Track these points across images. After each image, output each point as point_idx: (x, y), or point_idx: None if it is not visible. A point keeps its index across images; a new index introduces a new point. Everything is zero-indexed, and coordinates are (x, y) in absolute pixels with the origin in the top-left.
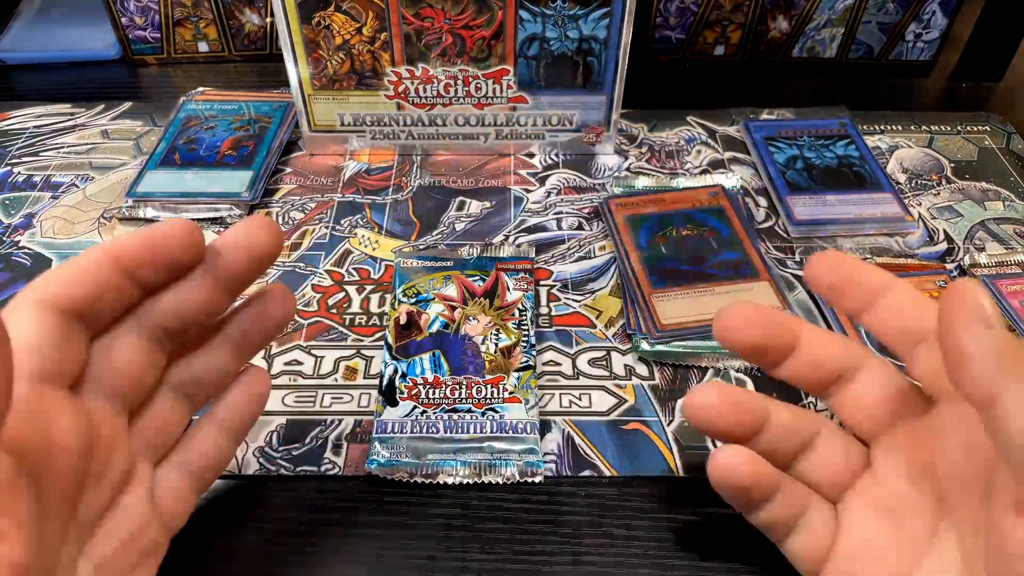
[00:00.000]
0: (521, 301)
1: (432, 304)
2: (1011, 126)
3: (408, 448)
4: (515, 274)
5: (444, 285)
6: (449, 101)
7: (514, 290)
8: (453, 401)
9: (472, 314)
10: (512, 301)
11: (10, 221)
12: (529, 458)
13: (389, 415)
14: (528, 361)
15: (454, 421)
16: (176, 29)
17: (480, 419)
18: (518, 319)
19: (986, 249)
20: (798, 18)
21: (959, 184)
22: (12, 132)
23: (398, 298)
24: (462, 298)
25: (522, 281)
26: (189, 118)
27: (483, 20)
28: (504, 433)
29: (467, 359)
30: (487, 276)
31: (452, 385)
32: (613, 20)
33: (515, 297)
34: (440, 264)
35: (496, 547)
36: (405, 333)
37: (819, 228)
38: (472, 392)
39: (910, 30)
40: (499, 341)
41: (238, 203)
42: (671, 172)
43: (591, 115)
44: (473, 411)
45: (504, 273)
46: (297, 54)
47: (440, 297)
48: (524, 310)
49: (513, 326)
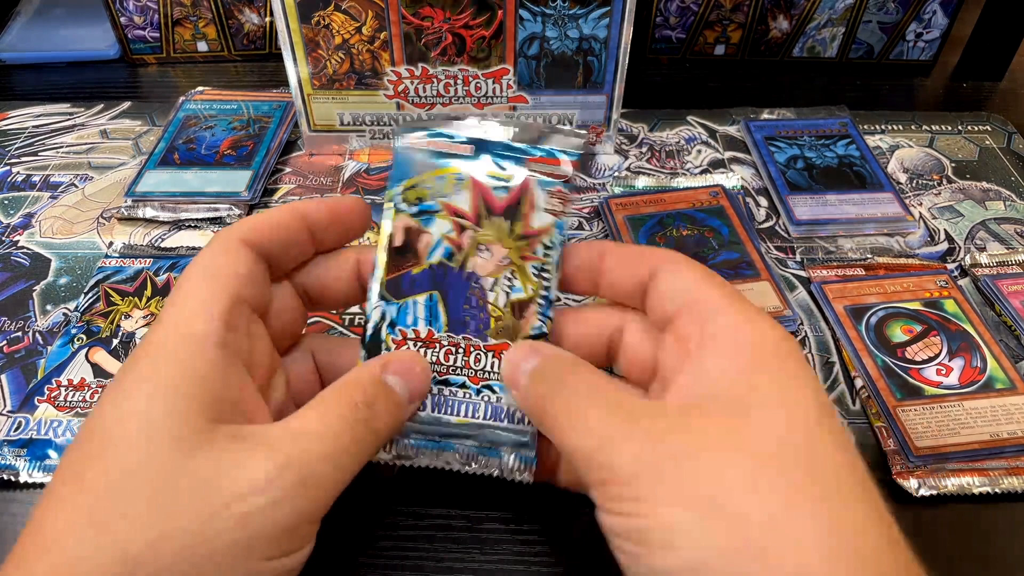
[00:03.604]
0: (550, 232)
1: (436, 220)
2: (1012, 126)
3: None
4: (548, 184)
5: (455, 191)
6: (449, 101)
7: (544, 211)
8: (446, 370)
9: (485, 241)
10: (539, 229)
11: (9, 221)
12: (522, 452)
13: None
14: (542, 327)
15: (444, 397)
16: (175, 29)
17: (474, 399)
18: (541, 260)
19: (987, 249)
20: (799, 18)
21: (960, 184)
22: (11, 132)
23: (396, 204)
24: (476, 214)
25: (555, 198)
26: (188, 118)
27: (483, 20)
28: (499, 420)
29: (470, 310)
30: (510, 181)
31: (448, 347)
32: (613, 20)
33: (544, 223)
34: (454, 153)
35: (496, 547)
36: (399, 259)
37: (820, 228)
38: (470, 360)
39: (911, 30)
40: (512, 291)
41: (237, 203)
42: (671, 172)
43: (591, 115)
44: (468, 386)
45: (535, 181)
46: (297, 54)
47: (449, 209)
48: (551, 248)
49: (533, 271)
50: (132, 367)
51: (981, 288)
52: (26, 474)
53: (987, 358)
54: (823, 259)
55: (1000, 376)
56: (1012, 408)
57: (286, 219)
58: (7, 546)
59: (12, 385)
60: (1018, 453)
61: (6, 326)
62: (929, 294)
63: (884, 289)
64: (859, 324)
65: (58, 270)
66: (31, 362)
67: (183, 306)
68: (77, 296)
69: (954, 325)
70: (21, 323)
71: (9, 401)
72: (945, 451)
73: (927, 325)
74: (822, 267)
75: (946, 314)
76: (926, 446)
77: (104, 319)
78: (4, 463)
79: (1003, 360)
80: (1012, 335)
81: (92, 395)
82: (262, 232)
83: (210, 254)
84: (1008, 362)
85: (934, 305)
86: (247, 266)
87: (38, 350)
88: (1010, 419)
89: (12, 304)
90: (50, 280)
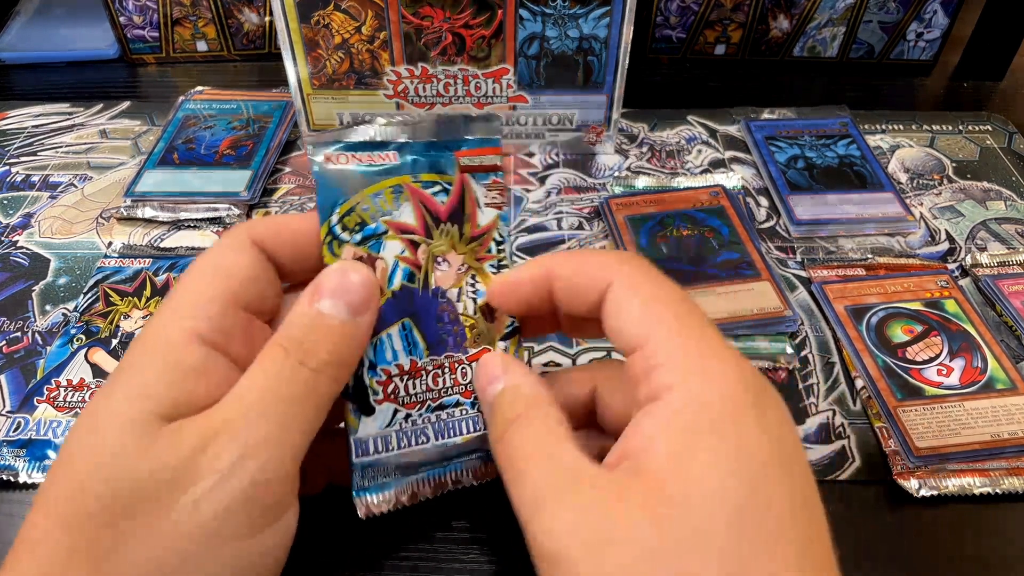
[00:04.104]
0: (497, 226)
1: (386, 243)
2: (1012, 126)
3: (397, 467)
4: (482, 177)
5: (396, 206)
6: (449, 100)
7: (485, 207)
8: (438, 395)
9: (440, 252)
10: (485, 227)
11: (8, 221)
12: None
13: (367, 429)
14: (513, 322)
15: (443, 422)
16: (175, 28)
17: (471, 412)
18: (496, 257)
19: (987, 249)
20: (799, 17)
21: (960, 184)
22: (10, 132)
23: (335, 234)
24: (423, 226)
25: (493, 189)
26: (188, 117)
27: (483, 19)
28: None
29: (445, 327)
30: (449, 183)
31: (434, 371)
32: (613, 19)
33: (488, 220)
34: (379, 163)
35: (496, 547)
36: None
37: (820, 228)
38: (458, 376)
39: (911, 29)
40: (477, 295)
41: (237, 203)
42: (672, 172)
43: (591, 114)
44: (462, 403)
45: (471, 177)
46: (296, 53)
47: (395, 228)
48: (501, 241)
49: (491, 270)
50: (116, 370)
51: (982, 288)
52: (25, 474)
53: (988, 358)
54: (823, 259)
55: (1001, 376)
56: (1013, 408)
57: (304, 226)
58: (6, 546)
59: (11, 385)
60: (1019, 453)
61: (5, 326)
62: (930, 294)
63: (885, 289)
64: (860, 324)
65: (57, 270)
66: (30, 362)
67: (176, 302)
68: (76, 296)
69: (955, 325)
70: (20, 323)
71: (8, 401)
72: (946, 451)
73: (928, 325)
74: (823, 267)
75: (947, 314)
76: (927, 446)
77: (103, 319)
78: (3, 463)
79: (1004, 360)
80: (1013, 335)
81: (91, 395)
82: (274, 233)
83: (215, 251)
84: (1009, 362)
85: (935, 305)
86: (251, 265)
87: (37, 350)
88: (1011, 419)
89: (11, 304)
90: (49, 280)
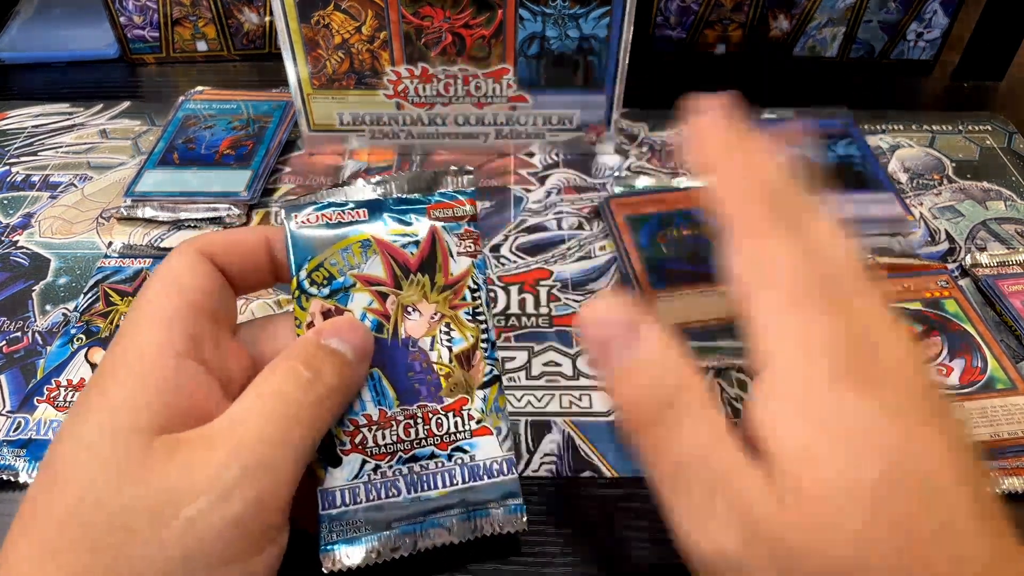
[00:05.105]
0: (471, 273)
1: (354, 295)
2: (1013, 126)
3: (367, 521)
4: (455, 228)
5: (364, 259)
6: (449, 100)
7: (458, 255)
8: (410, 446)
9: (411, 302)
10: (459, 275)
11: (8, 221)
12: (510, 503)
13: (333, 480)
14: (492, 370)
15: (416, 475)
16: (175, 28)
17: (447, 465)
18: (471, 304)
19: (988, 249)
20: (799, 17)
21: (960, 184)
22: (10, 132)
23: (304, 288)
24: (392, 278)
25: (466, 239)
26: (188, 117)
27: (483, 19)
28: (479, 480)
29: (416, 376)
30: (418, 235)
31: (405, 421)
32: (613, 19)
33: (462, 268)
34: (349, 220)
35: (495, 547)
36: None
37: None
38: (432, 427)
39: (911, 29)
40: (453, 342)
41: (237, 203)
42: (672, 172)
43: (591, 114)
44: (437, 455)
45: (443, 228)
46: (296, 53)
47: (363, 281)
48: (476, 289)
49: (467, 317)
50: (90, 388)
51: (982, 288)
52: (25, 474)
53: (988, 358)
54: None
55: (1001, 376)
56: (1013, 408)
57: (249, 240)
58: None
59: (11, 385)
60: (1019, 453)
61: (5, 326)
62: (930, 294)
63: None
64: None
65: (57, 270)
66: (30, 362)
67: (141, 318)
68: (76, 296)
69: (955, 325)
70: (20, 323)
71: (8, 401)
72: None
73: (928, 325)
74: None
75: (947, 314)
76: None
77: (103, 319)
78: (3, 463)
79: (1004, 360)
80: (1013, 335)
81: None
82: (220, 247)
83: (171, 265)
84: (1009, 362)
85: (935, 305)
86: (207, 276)
87: (37, 350)
88: (1011, 419)
89: (11, 304)
90: (49, 280)
